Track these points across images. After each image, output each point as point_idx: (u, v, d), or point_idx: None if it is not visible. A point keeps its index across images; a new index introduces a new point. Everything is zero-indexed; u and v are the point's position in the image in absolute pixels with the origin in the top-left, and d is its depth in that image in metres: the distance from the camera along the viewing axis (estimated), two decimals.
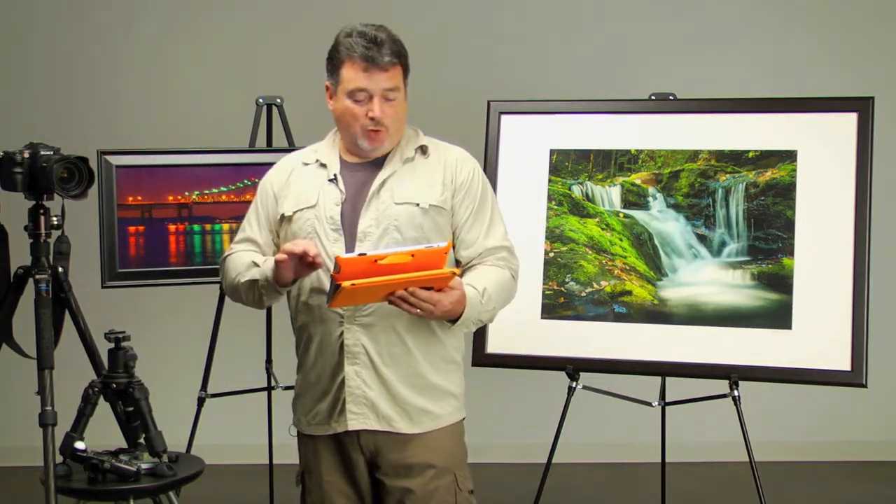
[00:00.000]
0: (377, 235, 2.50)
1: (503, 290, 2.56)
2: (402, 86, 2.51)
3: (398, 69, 2.49)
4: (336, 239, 2.51)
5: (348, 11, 5.10)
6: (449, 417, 2.58)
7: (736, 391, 3.30)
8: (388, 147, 2.55)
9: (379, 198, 2.52)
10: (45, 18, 5.10)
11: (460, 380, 2.63)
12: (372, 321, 2.49)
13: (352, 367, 2.50)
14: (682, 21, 5.09)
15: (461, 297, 2.41)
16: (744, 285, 3.36)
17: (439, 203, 2.54)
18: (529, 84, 4.74)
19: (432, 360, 2.55)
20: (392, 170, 2.54)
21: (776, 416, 4.87)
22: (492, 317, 2.56)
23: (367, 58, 2.44)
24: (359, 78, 2.46)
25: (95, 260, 3.63)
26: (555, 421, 3.50)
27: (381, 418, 2.51)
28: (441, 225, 2.54)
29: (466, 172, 2.58)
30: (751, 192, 3.39)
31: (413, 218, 2.51)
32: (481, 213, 2.59)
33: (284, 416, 4.18)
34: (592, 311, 3.45)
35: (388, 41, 2.47)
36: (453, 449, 2.59)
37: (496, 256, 2.58)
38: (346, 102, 2.50)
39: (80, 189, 3.01)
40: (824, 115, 3.39)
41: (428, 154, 2.59)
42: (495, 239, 2.59)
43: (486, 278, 2.52)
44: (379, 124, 2.48)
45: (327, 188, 2.55)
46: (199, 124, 4.92)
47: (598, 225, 3.50)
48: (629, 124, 3.55)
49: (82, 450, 2.89)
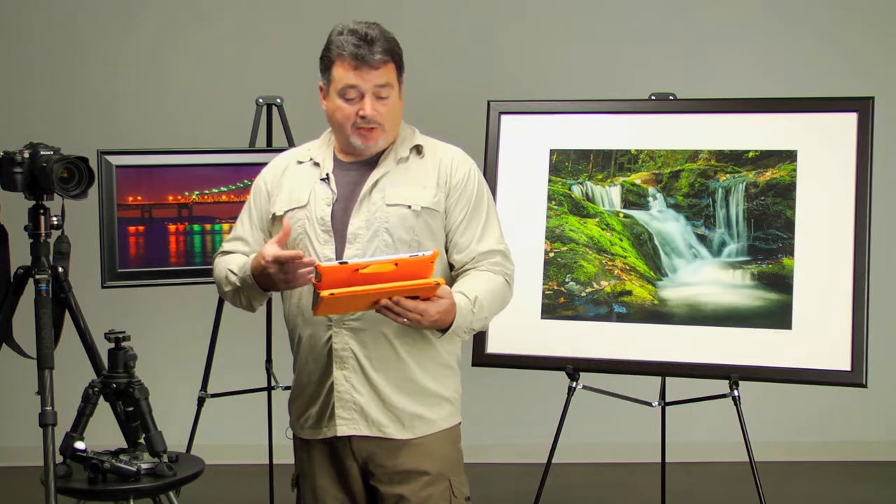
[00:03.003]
0: (367, 238, 2.44)
1: (496, 297, 2.49)
2: (396, 83, 2.46)
3: (390, 66, 2.44)
4: (326, 241, 2.46)
5: (348, 11, 5.06)
6: (443, 422, 2.52)
7: (736, 391, 3.30)
8: (384, 145, 2.49)
9: (370, 199, 2.46)
10: (44, 18, 5.10)
11: (455, 384, 2.57)
12: (361, 325, 2.44)
13: (340, 372, 2.46)
14: (682, 21, 5.09)
15: (450, 307, 2.35)
16: (744, 285, 3.36)
17: (432, 205, 2.48)
18: (529, 84, 4.74)
19: (424, 364, 2.49)
20: (385, 170, 2.49)
21: (776, 416, 4.87)
22: (484, 325, 2.50)
23: (357, 56, 2.39)
24: (349, 76, 2.41)
25: (95, 260, 3.64)
26: (555, 421, 3.50)
27: (371, 424, 2.46)
28: (434, 228, 2.49)
29: (462, 173, 2.52)
30: (751, 192, 3.39)
31: (404, 220, 2.45)
32: (476, 216, 2.52)
33: (284, 416, 4.20)
34: (592, 311, 3.45)
35: (380, 39, 2.42)
36: (448, 454, 2.53)
37: (490, 261, 2.51)
38: (337, 101, 2.45)
39: (80, 189, 3.01)
40: (824, 115, 3.39)
41: (423, 154, 2.53)
42: (489, 243, 2.52)
43: (478, 286, 2.45)
44: (371, 122, 2.43)
45: (319, 188, 2.51)
46: (199, 124, 4.92)
47: (598, 225, 3.50)
48: (629, 124, 3.54)
49: (82, 450, 2.89)
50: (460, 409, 2.59)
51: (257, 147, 3.97)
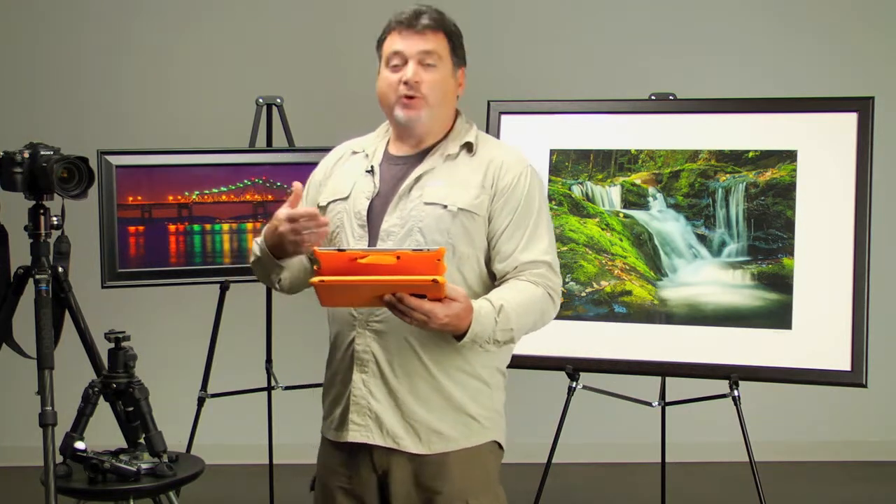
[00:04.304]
0: (401, 236, 2.31)
1: (529, 310, 2.30)
2: (447, 57, 2.35)
3: (439, 35, 2.34)
4: (361, 236, 2.34)
5: (348, 11, 5.13)
6: (464, 441, 2.34)
7: (736, 391, 3.30)
8: (427, 121, 2.35)
9: (408, 196, 2.33)
10: (44, 18, 5.10)
11: (489, 401, 2.37)
12: (384, 328, 2.30)
13: (359, 375, 2.33)
14: (682, 21, 5.09)
15: (463, 311, 2.18)
16: (744, 285, 3.36)
17: (470, 207, 2.32)
18: (529, 84, 4.73)
19: (453, 375, 2.32)
20: (430, 166, 2.35)
21: (776, 416, 4.87)
22: (512, 337, 2.30)
23: (402, 22, 2.33)
24: (394, 43, 2.33)
25: (95, 260, 3.64)
26: (555, 421, 3.50)
27: (386, 434, 2.32)
28: (472, 231, 2.32)
29: (511, 177, 2.35)
30: (751, 192, 3.39)
31: (440, 221, 2.30)
32: (522, 223, 2.34)
33: (284, 416, 4.23)
34: (592, 311, 3.45)
35: (431, 12, 2.35)
36: (468, 476, 2.34)
37: (533, 272, 2.32)
38: (383, 73, 2.35)
39: (80, 189, 3.01)
40: (824, 115, 3.39)
41: (475, 152, 2.38)
42: (534, 253, 2.33)
43: (508, 295, 2.28)
44: (413, 90, 2.30)
45: (362, 181, 2.39)
46: (199, 124, 4.92)
47: (598, 225, 3.50)
48: (629, 124, 3.54)
49: (82, 450, 2.89)
50: (496, 428, 2.40)
51: (257, 147, 3.97)
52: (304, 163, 3.52)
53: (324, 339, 2.47)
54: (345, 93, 4.95)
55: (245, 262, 3.82)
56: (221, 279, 3.84)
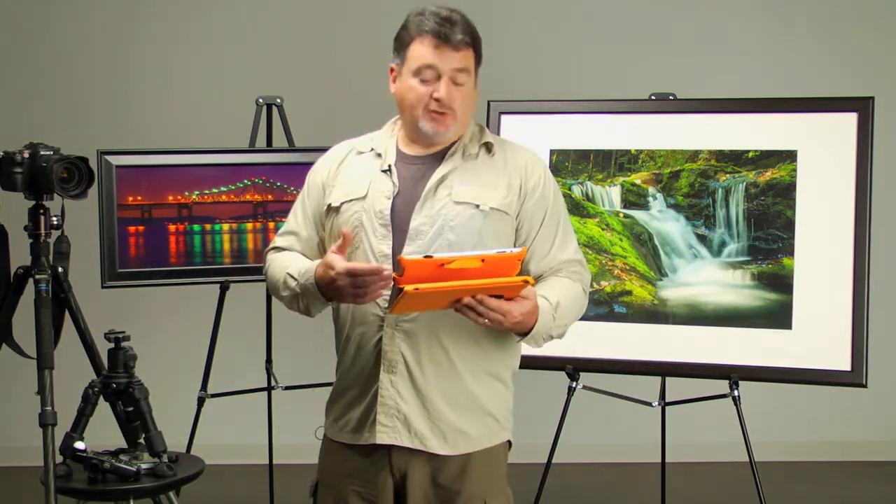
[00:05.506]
0: (430, 235, 2.29)
1: (574, 305, 2.36)
2: (473, 72, 2.35)
3: (470, 52, 2.33)
4: (384, 235, 2.31)
5: (348, 11, 5.12)
6: (483, 441, 2.35)
7: (736, 391, 3.30)
8: (453, 135, 2.35)
9: (435, 195, 2.32)
10: (45, 19, 5.10)
11: (506, 401, 2.40)
12: (414, 328, 2.28)
13: (387, 377, 2.29)
14: (682, 21, 5.10)
15: (533, 309, 2.21)
16: (744, 285, 3.36)
17: (501, 207, 2.33)
18: (529, 84, 4.73)
19: (478, 375, 2.33)
20: (453, 166, 2.35)
21: (776, 416, 4.87)
22: (562, 333, 2.35)
23: (439, 34, 2.27)
24: (428, 54, 2.28)
25: (95, 260, 3.64)
26: (555, 421, 3.50)
27: (413, 435, 2.30)
28: (501, 231, 2.33)
29: (538, 177, 2.38)
30: (751, 192, 3.39)
31: (471, 221, 2.30)
32: (553, 222, 2.38)
33: (284, 416, 4.22)
34: (592, 311, 3.44)
35: (462, 22, 2.31)
36: (485, 475, 2.35)
37: (570, 269, 2.38)
38: (410, 81, 2.31)
39: (79, 189, 3.01)
40: (824, 115, 3.39)
41: (493, 153, 2.39)
42: (569, 251, 2.39)
43: (561, 292, 2.32)
44: (444, 106, 2.29)
45: (379, 180, 2.35)
46: (199, 124, 4.92)
47: (598, 225, 3.50)
48: (629, 124, 3.54)
49: (82, 450, 2.89)
50: (509, 428, 2.42)
51: (257, 147, 3.97)
52: (304, 163, 3.47)
53: (324, 339, 2.46)
54: (345, 93, 4.96)
55: (245, 262, 3.87)
56: (221, 279, 3.84)
